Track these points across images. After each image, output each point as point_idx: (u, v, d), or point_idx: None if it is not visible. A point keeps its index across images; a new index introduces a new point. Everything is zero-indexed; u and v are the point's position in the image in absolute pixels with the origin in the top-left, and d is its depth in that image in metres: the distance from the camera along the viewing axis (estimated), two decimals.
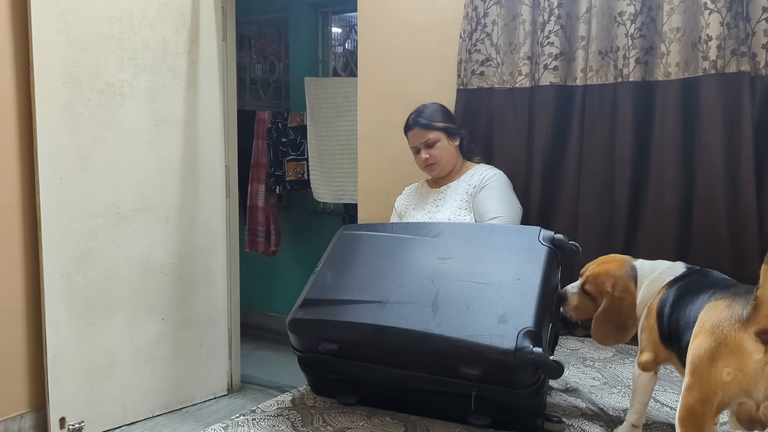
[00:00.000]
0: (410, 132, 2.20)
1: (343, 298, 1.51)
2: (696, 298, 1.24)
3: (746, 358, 1.05)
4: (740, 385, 1.06)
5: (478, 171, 2.19)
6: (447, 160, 2.19)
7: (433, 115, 2.17)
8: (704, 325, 1.12)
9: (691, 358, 1.12)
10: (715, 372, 1.08)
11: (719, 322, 1.10)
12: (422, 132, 2.16)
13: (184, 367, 3.19)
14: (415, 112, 2.21)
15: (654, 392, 1.47)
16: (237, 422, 1.49)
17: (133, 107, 2.89)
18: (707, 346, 1.09)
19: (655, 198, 2.07)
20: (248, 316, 4.32)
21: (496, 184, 2.13)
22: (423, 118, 2.17)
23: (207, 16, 3.16)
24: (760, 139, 1.93)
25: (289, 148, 4.21)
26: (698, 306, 1.20)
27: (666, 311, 1.32)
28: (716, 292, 1.19)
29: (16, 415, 2.72)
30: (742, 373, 1.06)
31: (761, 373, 1.04)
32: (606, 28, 2.12)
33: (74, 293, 2.76)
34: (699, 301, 1.22)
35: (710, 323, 1.12)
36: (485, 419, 1.40)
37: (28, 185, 2.69)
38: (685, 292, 1.30)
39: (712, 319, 1.12)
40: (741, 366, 1.06)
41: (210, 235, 3.26)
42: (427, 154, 2.16)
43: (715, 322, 1.11)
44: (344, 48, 4.39)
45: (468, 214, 2.10)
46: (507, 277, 1.46)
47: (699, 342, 1.11)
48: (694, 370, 1.10)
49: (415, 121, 2.18)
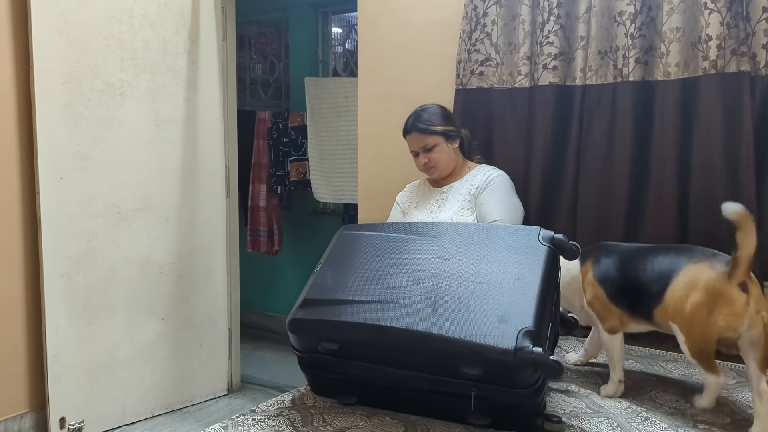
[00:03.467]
0: (408, 136, 2.19)
1: (343, 298, 1.51)
2: (647, 260, 1.56)
3: (735, 305, 1.39)
4: (731, 325, 1.41)
5: (480, 172, 2.19)
6: (446, 163, 2.18)
7: (431, 119, 2.15)
8: (696, 284, 1.43)
9: (690, 310, 1.43)
10: (713, 319, 1.41)
11: (710, 281, 1.42)
12: (420, 137, 2.15)
13: (184, 367, 3.20)
14: (414, 115, 2.18)
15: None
16: (237, 422, 1.49)
17: (133, 107, 2.89)
18: (704, 300, 1.42)
19: (654, 198, 2.07)
20: (248, 316, 4.32)
21: (499, 185, 2.13)
22: (421, 123, 2.15)
23: (207, 16, 3.16)
24: (760, 139, 1.93)
25: (291, 148, 4.22)
26: (662, 266, 1.52)
27: (612, 277, 1.62)
28: (688, 257, 1.50)
29: (16, 415, 2.73)
30: (733, 316, 1.40)
31: (745, 314, 1.39)
32: (605, 27, 2.12)
33: (74, 293, 2.76)
34: (659, 263, 1.53)
35: (702, 282, 1.43)
36: (485, 419, 1.40)
37: (28, 185, 2.69)
38: (624, 259, 1.62)
39: (702, 278, 1.43)
40: (732, 311, 1.40)
41: (210, 235, 3.26)
42: (426, 158, 2.15)
43: (707, 280, 1.42)
44: (344, 48, 4.39)
45: (470, 215, 2.10)
46: (507, 277, 1.46)
47: (696, 297, 1.43)
48: (694, 318, 1.43)
49: (413, 125, 2.16)
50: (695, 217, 2.01)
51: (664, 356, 1.98)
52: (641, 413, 1.54)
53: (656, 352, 2.01)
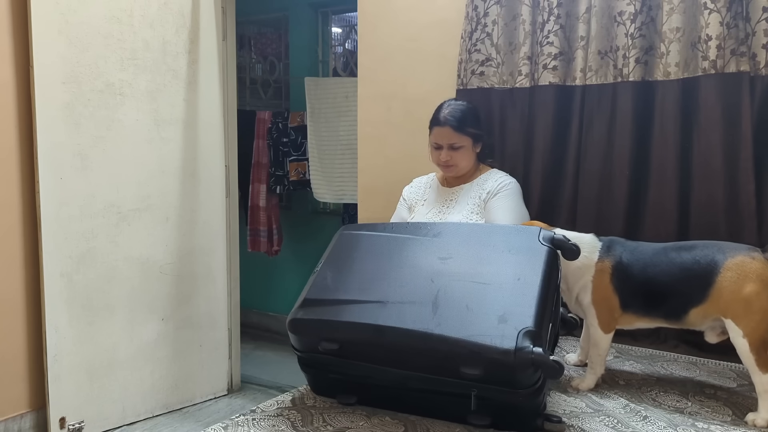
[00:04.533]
0: (439, 128, 2.10)
1: (343, 298, 1.51)
2: (670, 262, 1.59)
3: None
4: None
5: (492, 177, 2.16)
6: (465, 165, 2.14)
7: (467, 119, 2.09)
8: (747, 275, 1.49)
9: (747, 300, 1.49)
10: None
11: (759, 270, 1.50)
12: (452, 133, 2.08)
13: (184, 367, 3.20)
14: (449, 109, 2.10)
15: None
16: (237, 422, 1.49)
17: (133, 107, 2.89)
18: (761, 288, 1.48)
19: (654, 198, 2.07)
20: (248, 316, 4.33)
21: (509, 193, 2.11)
22: (456, 120, 2.07)
23: (207, 16, 3.16)
24: (760, 140, 1.93)
25: (291, 148, 4.22)
26: (694, 265, 1.56)
27: (630, 285, 1.62)
28: (721, 252, 1.54)
29: (16, 415, 2.73)
30: None
31: None
32: (605, 27, 2.12)
33: (74, 293, 2.76)
34: (687, 263, 1.57)
35: (753, 272, 1.49)
36: (485, 419, 1.40)
37: (28, 185, 2.69)
38: (646, 264, 1.62)
39: (751, 269, 1.50)
40: None
41: (210, 235, 3.26)
42: (449, 156, 2.10)
43: (756, 270, 1.50)
44: (344, 48, 4.39)
45: (479, 220, 2.09)
46: (507, 277, 1.46)
47: (751, 287, 1.49)
48: (753, 308, 1.49)
49: (447, 120, 2.08)
50: (695, 217, 2.01)
51: (664, 356, 1.98)
52: (640, 412, 1.54)
53: (656, 352, 2.01)
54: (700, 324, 1.61)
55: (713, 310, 1.55)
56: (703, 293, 1.54)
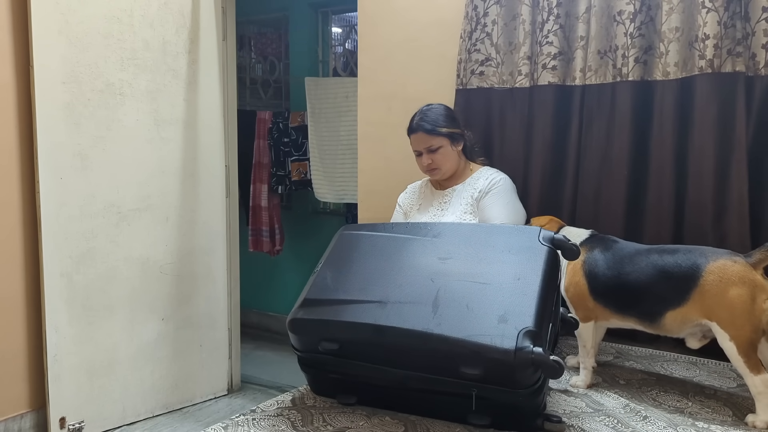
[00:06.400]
0: (413, 135, 2.15)
1: (343, 298, 1.51)
2: (649, 264, 1.61)
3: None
4: None
5: (483, 175, 2.17)
6: (449, 166, 2.16)
7: (438, 120, 2.12)
8: (729, 278, 1.50)
9: (732, 303, 1.48)
10: (756, 306, 1.48)
11: (741, 272, 1.50)
12: (426, 137, 2.12)
13: (184, 367, 3.20)
14: (420, 114, 2.15)
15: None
16: (237, 422, 1.49)
17: (133, 107, 2.89)
18: (746, 292, 1.49)
19: (653, 197, 2.07)
20: (248, 316, 4.33)
21: (501, 189, 2.12)
22: (427, 123, 2.11)
23: (207, 16, 3.16)
24: (755, 140, 1.93)
25: (292, 148, 4.22)
26: (674, 269, 1.57)
27: (601, 274, 1.68)
28: (702, 256, 1.55)
29: (16, 415, 2.73)
30: None
31: None
32: (605, 27, 2.12)
33: (74, 293, 2.76)
34: (668, 267, 1.58)
35: (735, 275, 1.50)
36: (485, 419, 1.41)
37: (28, 185, 2.69)
38: (620, 259, 1.66)
39: (733, 272, 1.50)
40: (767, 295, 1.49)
41: (210, 235, 3.26)
42: (430, 159, 2.13)
43: (738, 273, 1.50)
44: (344, 48, 4.39)
45: (473, 219, 2.09)
46: (507, 277, 1.46)
47: (736, 290, 1.49)
48: (737, 310, 1.48)
49: (419, 125, 2.13)
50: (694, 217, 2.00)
51: (664, 356, 1.98)
52: (640, 412, 1.54)
53: (656, 352, 2.01)
54: (678, 330, 1.61)
55: (694, 314, 1.54)
56: (683, 296, 1.55)
